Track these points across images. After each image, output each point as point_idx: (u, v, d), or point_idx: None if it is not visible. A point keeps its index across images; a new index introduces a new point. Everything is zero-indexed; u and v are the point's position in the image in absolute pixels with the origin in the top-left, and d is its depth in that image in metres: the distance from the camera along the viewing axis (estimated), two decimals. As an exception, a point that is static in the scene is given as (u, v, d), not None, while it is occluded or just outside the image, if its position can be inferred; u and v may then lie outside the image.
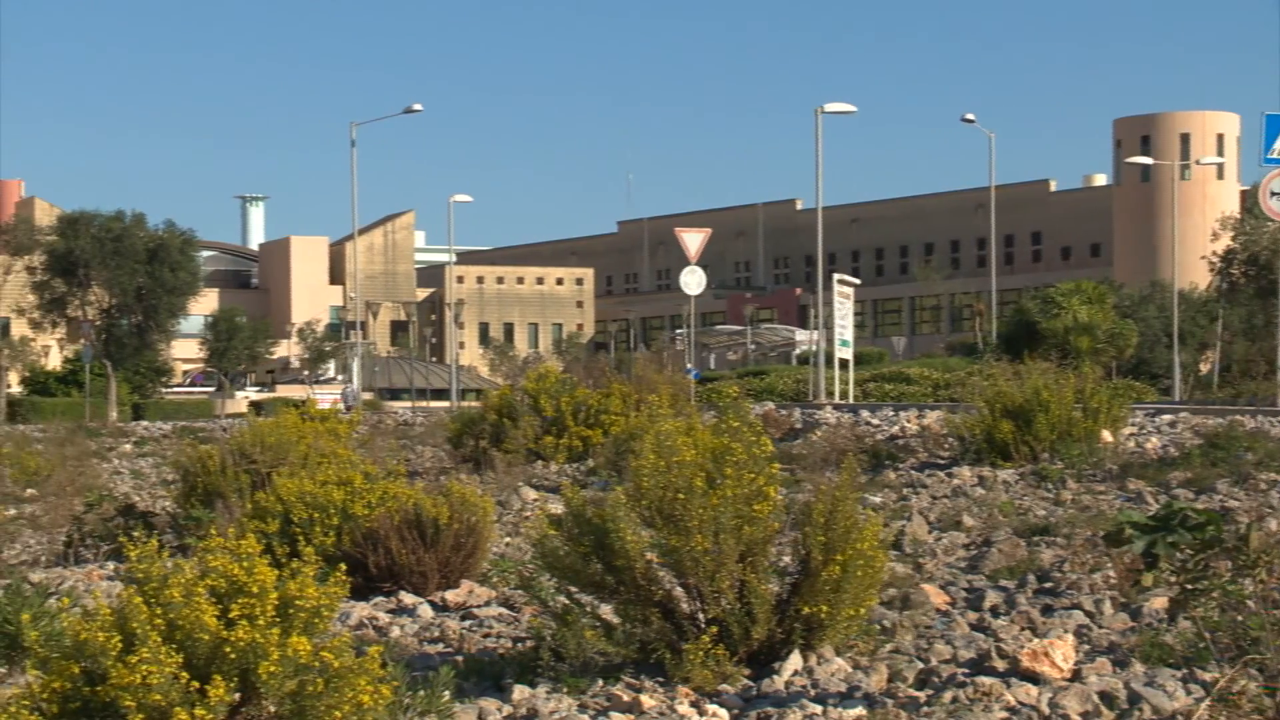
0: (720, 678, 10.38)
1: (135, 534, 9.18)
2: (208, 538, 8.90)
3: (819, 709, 9.80)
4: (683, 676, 10.36)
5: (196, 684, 8.01)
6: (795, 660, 10.61)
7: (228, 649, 8.09)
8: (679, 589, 10.83)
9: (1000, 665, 10.46)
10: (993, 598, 12.99)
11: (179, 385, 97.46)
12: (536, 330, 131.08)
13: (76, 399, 75.67)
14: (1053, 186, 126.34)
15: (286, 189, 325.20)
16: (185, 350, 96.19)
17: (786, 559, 11.55)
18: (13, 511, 25.51)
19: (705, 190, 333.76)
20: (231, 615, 8.18)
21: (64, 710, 8.13)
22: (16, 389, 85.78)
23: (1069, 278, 71.64)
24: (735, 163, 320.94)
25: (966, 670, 10.54)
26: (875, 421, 28.57)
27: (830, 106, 48.87)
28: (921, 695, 10.06)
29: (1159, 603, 11.76)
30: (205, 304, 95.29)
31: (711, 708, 9.99)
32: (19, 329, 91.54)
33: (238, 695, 8.21)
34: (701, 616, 10.67)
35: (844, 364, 41.66)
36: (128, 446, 41.24)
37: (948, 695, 9.88)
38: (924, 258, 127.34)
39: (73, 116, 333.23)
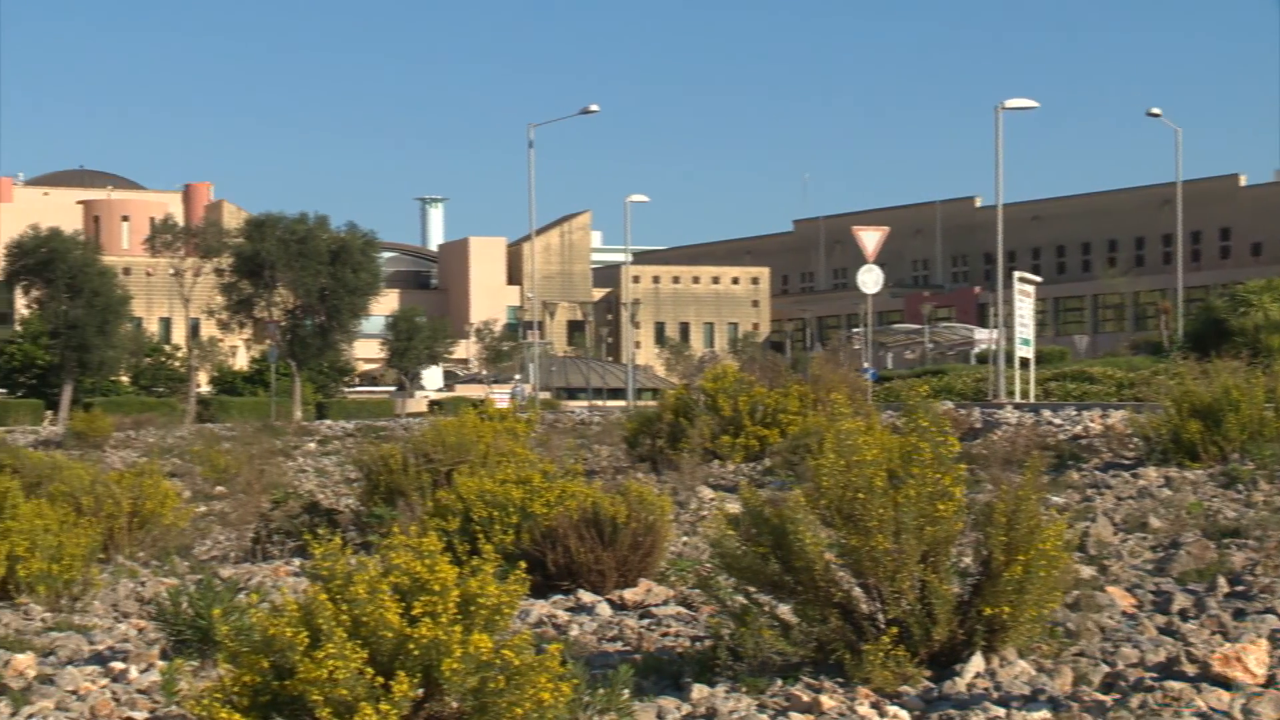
0: (901, 679, 10.27)
1: (320, 531, 9.33)
2: (390, 535, 9.02)
3: (1002, 712, 9.65)
4: (862, 677, 10.27)
5: (381, 679, 8.12)
6: (977, 662, 10.47)
7: (411, 645, 8.18)
8: (858, 589, 10.74)
9: (1190, 670, 10.21)
10: (1181, 601, 12.69)
11: (367, 384, 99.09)
12: (712, 330, 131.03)
13: (262, 398, 77.36)
14: (1242, 181, 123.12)
15: (465, 190, 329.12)
16: (366, 350, 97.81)
17: (967, 560, 11.40)
18: (203, 508, 26.15)
19: (882, 188, 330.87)
20: (414, 612, 8.28)
21: (254, 703, 8.29)
22: (205, 388, 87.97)
23: (1259, 275, 69.81)
24: (913, 160, 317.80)
25: (1154, 674, 10.31)
26: (1057, 421, 28.12)
27: (1011, 102, 48.19)
28: (1108, 699, 9.86)
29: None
30: (386, 304, 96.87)
31: (892, 709, 9.89)
32: (208, 330, 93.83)
33: (421, 691, 8.31)
34: (881, 617, 10.56)
35: (1024, 363, 41.06)
36: (311, 445, 42.07)
37: (1135, 699, 9.67)
38: (1107, 255, 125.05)
39: (259, 121, 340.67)
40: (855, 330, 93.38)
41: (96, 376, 78.69)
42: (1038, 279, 46.07)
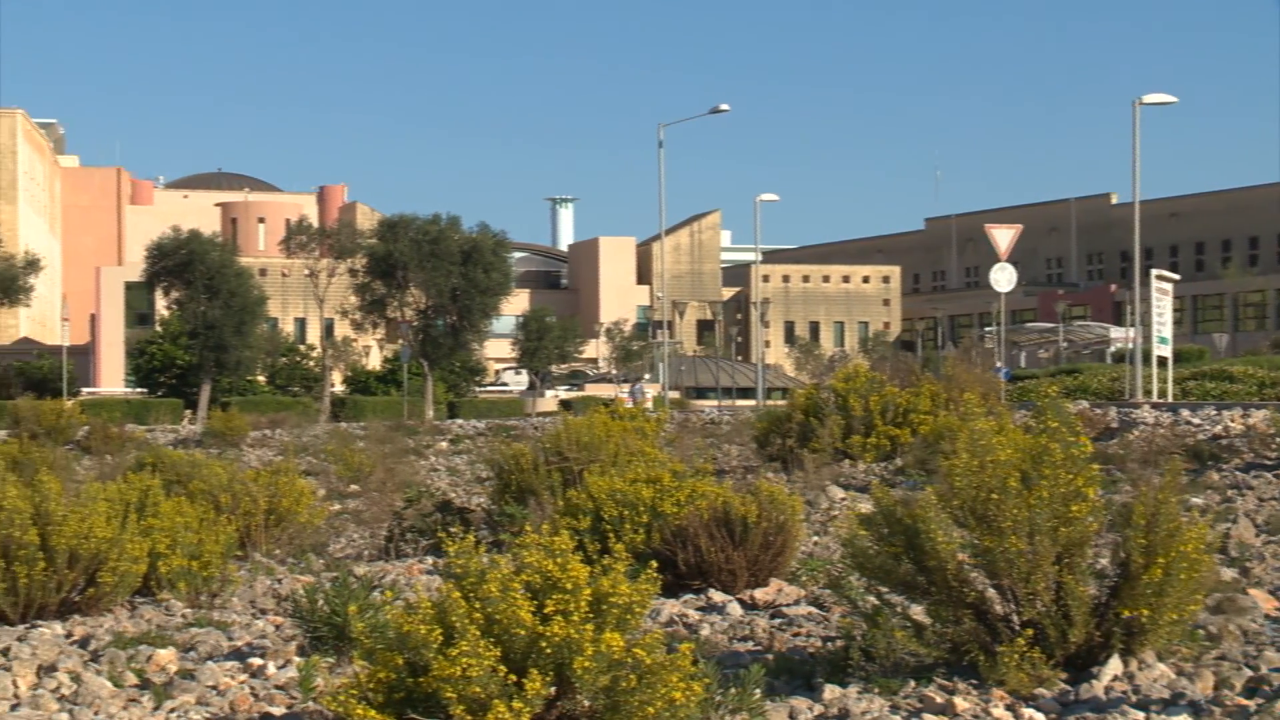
0: (1036, 681, 10.14)
1: (453, 530, 9.40)
2: (522, 534, 9.05)
3: (1141, 716, 9.49)
4: (997, 679, 10.15)
5: (513, 677, 8.16)
6: (1115, 665, 10.31)
7: (543, 644, 8.21)
8: (992, 590, 10.62)
9: (1336, 675, 9.98)
10: (1326, 604, 12.42)
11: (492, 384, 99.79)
12: (842, 329, 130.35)
13: (395, 397, 78.16)
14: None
15: (595, 190, 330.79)
16: (497, 350, 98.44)
17: (1103, 561, 11.23)
18: (337, 507, 26.47)
19: (1016, 185, 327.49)
20: (546, 610, 8.31)
21: (389, 700, 8.37)
22: (339, 388, 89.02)
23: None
24: (1047, 157, 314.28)
25: (1298, 680, 10.09)
26: (1196, 421, 27.64)
27: (1149, 98, 47.38)
28: (1251, 704, 9.66)
29: None
30: (516, 304, 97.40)
31: (1028, 712, 9.77)
32: (342, 330, 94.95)
33: (553, 689, 8.34)
34: (1016, 618, 10.44)
35: (1162, 362, 40.40)
36: (443, 444, 42.42)
37: (1279, 705, 9.46)
38: (1247, 252, 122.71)
39: (393, 123, 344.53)
40: (988, 329, 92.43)
41: (234, 376, 79.90)
42: (1175, 276, 45.29)
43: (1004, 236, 45.31)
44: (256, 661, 11.67)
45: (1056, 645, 10.32)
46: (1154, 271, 40.89)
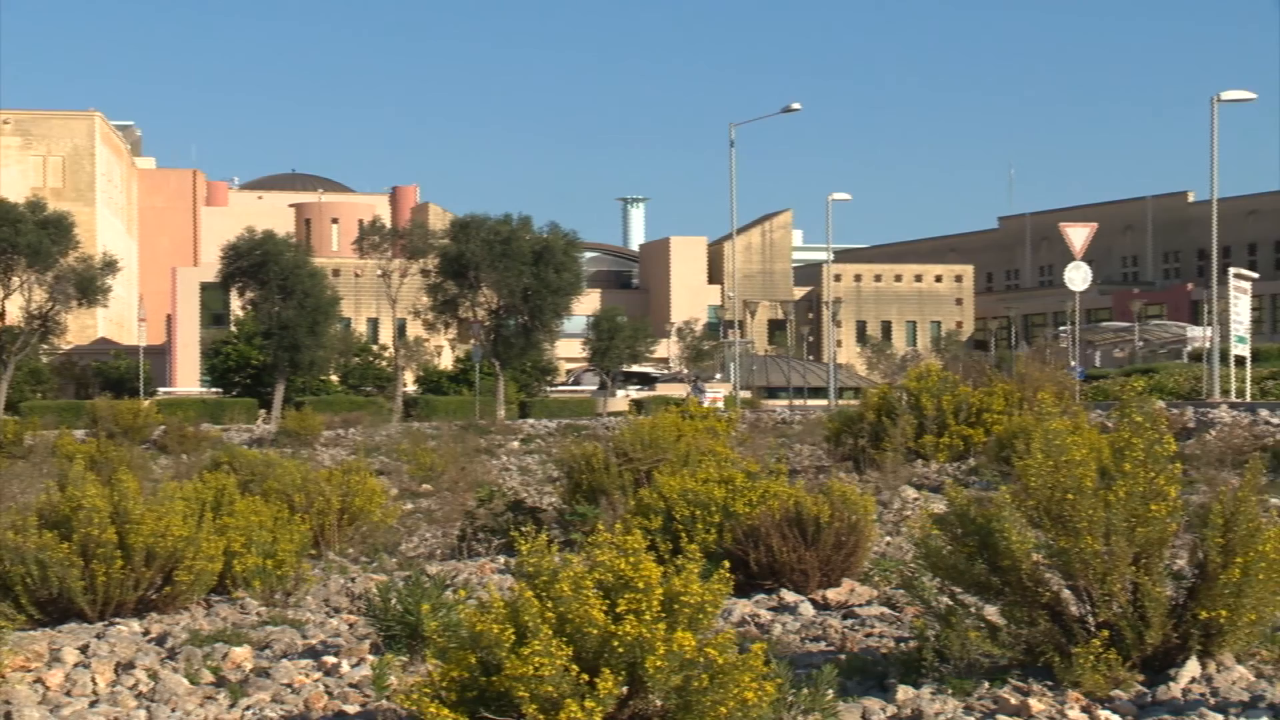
0: (1112, 683, 10.05)
1: (525, 529, 9.41)
2: (594, 533, 9.06)
3: (1219, 718, 9.38)
4: (1072, 681, 10.06)
5: (586, 676, 8.17)
6: (1193, 667, 10.20)
7: (615, 643, 8.21)
8: (1067, 591, 10.53)
9: None
10: None
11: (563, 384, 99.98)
12: (914, 328, 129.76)
13: (467, 397, 78.41)
14: None
15: (666, 190, 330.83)
16: (568, 350, 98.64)
17: (1181, 562, 11.11)
18: (409, 506, 26.59)
19: (1090, 183, 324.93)
20: (619, 610, 8.31)
21: (462, 698, 8.39)
22: (412, 388, 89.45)
23: None
24: (1122, 155, 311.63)
25: (1380, 683, 9.95)
26: (1275, 421, 27.32)
27: (1227, 94, 46.89)
28: (1331, 708, 9.53)
29: None
30: (587, 304, 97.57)
31: (1103, 714, 9.68)
32: (414, 329, 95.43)
33: (625, 688, 8.33)
34: (1091, 619, 10.35)
35: (1240, 361, 39.98)
36: (515, 444, 42.52)
37: (1360, 709, 9.34)
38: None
39: (464, 124, 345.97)
40: (1062, 328, 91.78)
41: (307, 376, 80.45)
42: (1254, 275, 44.80)
43: (1079, 235, 44.98)
44: (330, 660, 11.74)
45: (1133, 647, 10.22)
46: (1232, 270, 40.48)
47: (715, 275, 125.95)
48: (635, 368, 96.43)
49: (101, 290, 72.62)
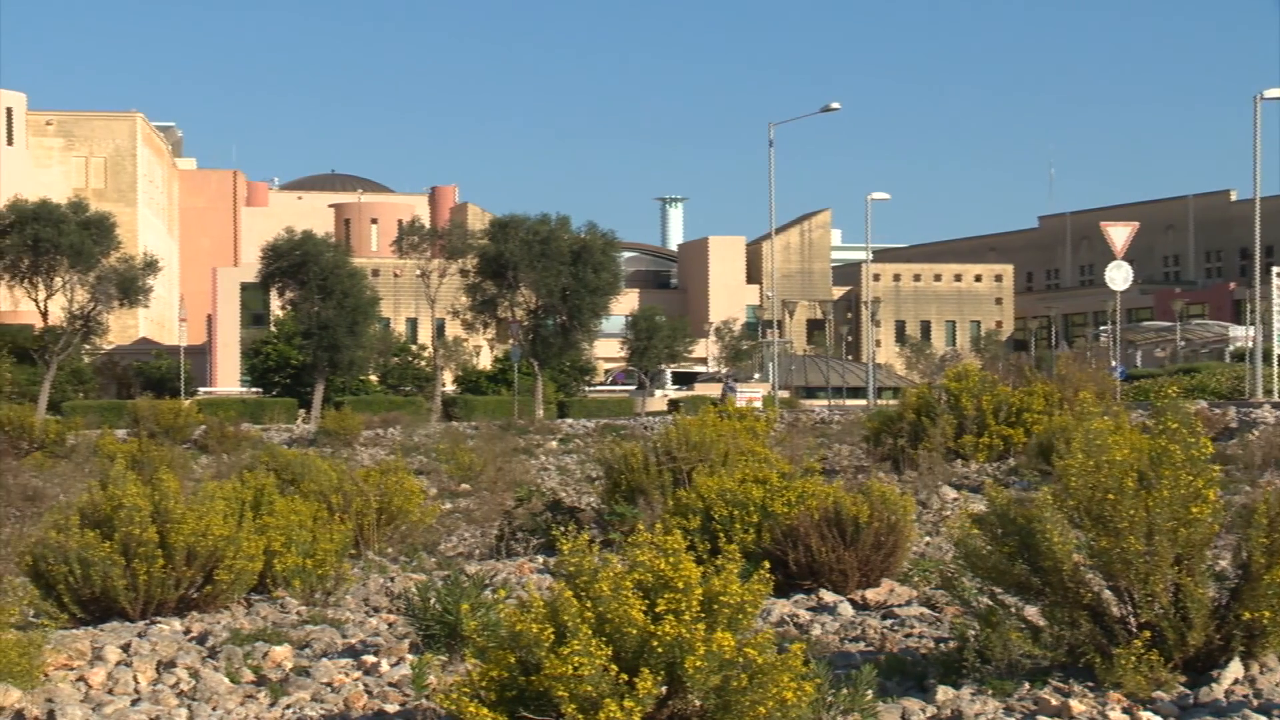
0: (1154, 684, 9.99)
1: (565, 529, 9.42)
2: (633, 533, 9.05)
3: (1262, 721, 9.32)
4: (1114, 682, 10.01)
5: (625, 676, 8.16)
6: (1235, 668, 10.13)
7: (654, 643, 8.20)
8: (1109, 592, 10.48)
9: None
10: None
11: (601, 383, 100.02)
12: (954, 328, 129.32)
13: (505, 397, 78.53)
14: None
15: (705, 190, 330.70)
16: (607, 349, 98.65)
17: (1223, 563, 11.04)
18: (448, 505, 26.64)
19: (1131, 182, 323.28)
20: (658, 610, 8.30)
21: (501, 698, 8.40)
22: (451, 387, 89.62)
23: None
24: (1163, 153, 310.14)
25: None
26: (1317, 420, 27.13)
27: (1271, 92, 46.60)
28: (1376, 711, 9.45)
29: None
30: (626, 304, 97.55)
31: (1145, 715, 9.62)
32: (453, 329, 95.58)
33: (664, 688, 8.33)
34: (1133, 621, 10.29)
35: (1282, 360, 39.71)
36: (553, 443, 42.58)
37: (1405, 712, 9.26)
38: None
39: (503, 124, 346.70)
40: (1103, 328, 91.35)
41: (346, 376, 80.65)
42: (1297, 274, 44.47)
43: (1120, 234, 44.77)
44: (370, 659, 11.77)
45: (1175, 648, 10.16)
46: (1275, 269, 40.24)
47: (754, 275, 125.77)
48: (675, 368, 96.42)
49: (143, 290, 72.97)
